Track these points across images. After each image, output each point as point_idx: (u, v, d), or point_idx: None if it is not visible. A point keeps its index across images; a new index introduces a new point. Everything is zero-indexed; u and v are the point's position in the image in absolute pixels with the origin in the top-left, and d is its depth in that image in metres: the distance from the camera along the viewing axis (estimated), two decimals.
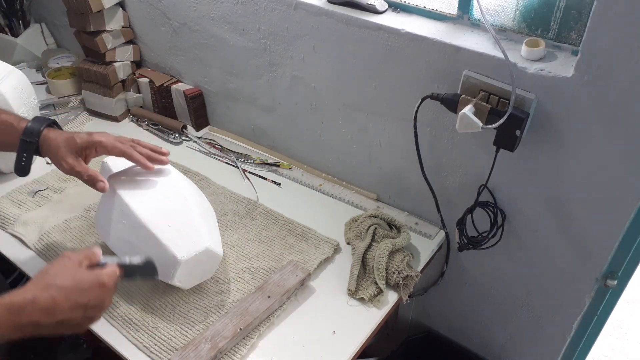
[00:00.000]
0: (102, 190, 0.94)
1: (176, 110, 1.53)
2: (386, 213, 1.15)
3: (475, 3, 0.93)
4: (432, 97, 0.96)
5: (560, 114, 0.87)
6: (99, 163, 1.37)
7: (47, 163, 1.00)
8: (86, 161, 0.97)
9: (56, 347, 1.48)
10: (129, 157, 0.97)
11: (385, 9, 1.03)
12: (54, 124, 0.98)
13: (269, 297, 0.99)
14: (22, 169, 0.96)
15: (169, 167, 1.07)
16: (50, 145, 0.94)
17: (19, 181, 1.31)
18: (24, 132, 0.93)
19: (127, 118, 1.57)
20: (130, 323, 0.99)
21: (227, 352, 0.94)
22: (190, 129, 1.51)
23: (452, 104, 0.93)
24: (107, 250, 1.13)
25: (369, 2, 1.02)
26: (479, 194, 1.04)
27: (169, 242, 0.94)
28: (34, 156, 0.96)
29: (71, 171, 0.94)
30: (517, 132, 0.88)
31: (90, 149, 0.95)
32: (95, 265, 0.80)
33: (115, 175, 1.04)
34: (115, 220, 1.00)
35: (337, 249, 1.14)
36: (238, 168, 1.37)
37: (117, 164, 1.11)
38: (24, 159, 0.94)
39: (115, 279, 0.78)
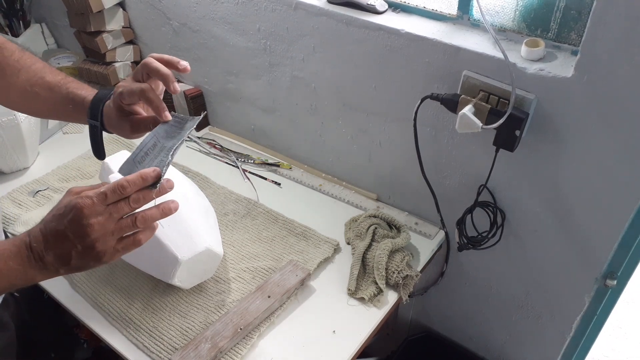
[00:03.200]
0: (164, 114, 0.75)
1: (176, 110, 1.53)
2: (386, 213, 1.16)
3: (475, 3, 0.93)
4: (432, 97, 0.96)
5: (560, 114, 0.87)
6: (98, 163, 1.37)
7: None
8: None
9: (73, 347, 1.48)
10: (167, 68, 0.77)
11: (385, 9, 1.03)
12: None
13: (269, 296, 0.99)
14: (99, 153, 0.88)
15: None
16: (109, 106, 0.82)
17: (19, 181, 1.31)
18: (89, 113, 0.83)
19: None
20: (130, 323, 0.99)
21: (227, 352, 0.94)
22: None
23: (452, 104, 0.93)
24: None
25: (369, 2, 1.02)
26: (478, 194, 1.04)
27: (169, 242, 0.94)
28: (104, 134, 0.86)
29: (138, 90, 0.76)
30: (517, 132, 0.88)
31: (143, 72, 0.78)
32: None
33: (115, 176, 1.04)
34: None
35: (337, 249, 1.14)
36: (238, 168, 1.37)
37: (117, 164, 1.11)
38: (95, 143, 0.86)
39: (97, 198, 0.65)
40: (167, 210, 0.71)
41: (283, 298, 1.00)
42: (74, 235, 0.66)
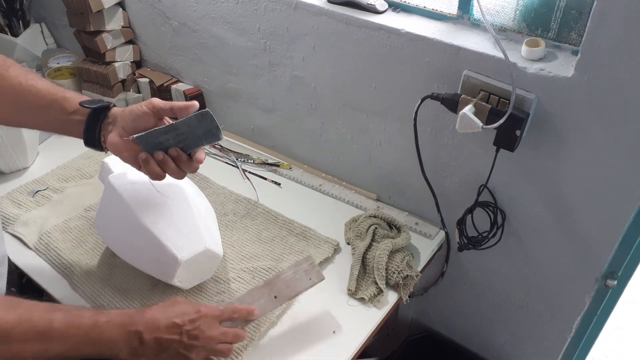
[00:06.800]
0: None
1: None
2: (386, 213, 1.15)
3: (475, 3, 0.93)
4: (432, 97, 0.96)
5: (560, 114, 0.87)
6: (98, 163, 1.37)
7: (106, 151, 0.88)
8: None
9: None
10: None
11: (385, 9, 1.03)
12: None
13: (275, 297, 0.92)
14: (95, 142, 0.85)
15: None
16: (122, 111, 0.85)
17: (19, 181, 1.31)
18: (90, 102, 0.83)
19: None
20: None
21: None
22: None
23: (452, 104, 0.93)
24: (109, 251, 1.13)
25: (369, 2, 1.02)
26: (479, 194, 1.04)
27: (169, 242, 0.94)
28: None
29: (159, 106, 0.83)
30: (517, 132, 0.88)
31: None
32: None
33: (115, 176, 1.04)
34: (116, 220, 1.00)
35: (337, 249, 1.14)
36: (238, 168, 1.37)
37: (117, 164, 1.11)
38: (93, 128, 0.84)
39: (218, 314, 0.81)
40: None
41: (289, 302, 0.98)
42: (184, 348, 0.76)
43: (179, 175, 0.85)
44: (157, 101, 0.82)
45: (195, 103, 0.81)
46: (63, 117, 0.84)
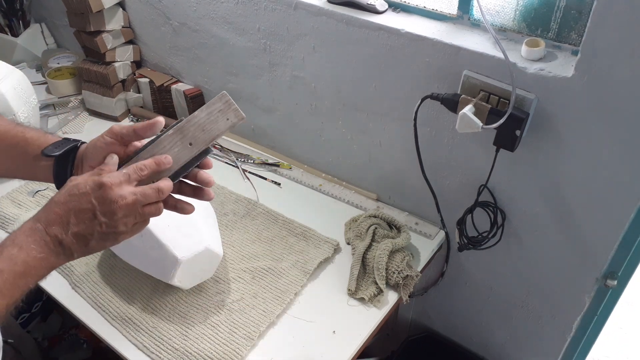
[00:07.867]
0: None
1: (176, 110, 1.52)
2: (386, 213, 1.15)
3: (475, 3, 0.93)
4: (432, 97, 0.96)
5: (560, 114, 0.87)
6: None
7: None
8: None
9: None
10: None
11: (385, 9, 1.03)
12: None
13: (190, 144, 0.76)
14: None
15: None
16: (86, 149, 0.77)
17: (19, 181, 1.31)
18: (53, 147, 0.76)
19: (127, 118, 1.58)
20: (130, 323, 0.99)
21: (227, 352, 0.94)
22: None
23: (452, 104, 0.93)
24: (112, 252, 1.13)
25: (369, 2, 1.02)
26: (479, 194, 1.04)
27: (169, 242, 0.94)
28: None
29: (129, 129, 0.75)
30: (517, 132, 0.88)
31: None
32: None
33: None
34: None
35: (337, 249, 1.14)
36: (238, 168, 1.37)
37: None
38: (63, 175, 0.76)
39: (123, 177, 0.67)
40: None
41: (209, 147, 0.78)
42: (101, 214, 0.66)
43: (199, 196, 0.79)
44: (117, 128, 0.75)
45: (160, 119, 0.73)
46: (27, 162, 0.78)
